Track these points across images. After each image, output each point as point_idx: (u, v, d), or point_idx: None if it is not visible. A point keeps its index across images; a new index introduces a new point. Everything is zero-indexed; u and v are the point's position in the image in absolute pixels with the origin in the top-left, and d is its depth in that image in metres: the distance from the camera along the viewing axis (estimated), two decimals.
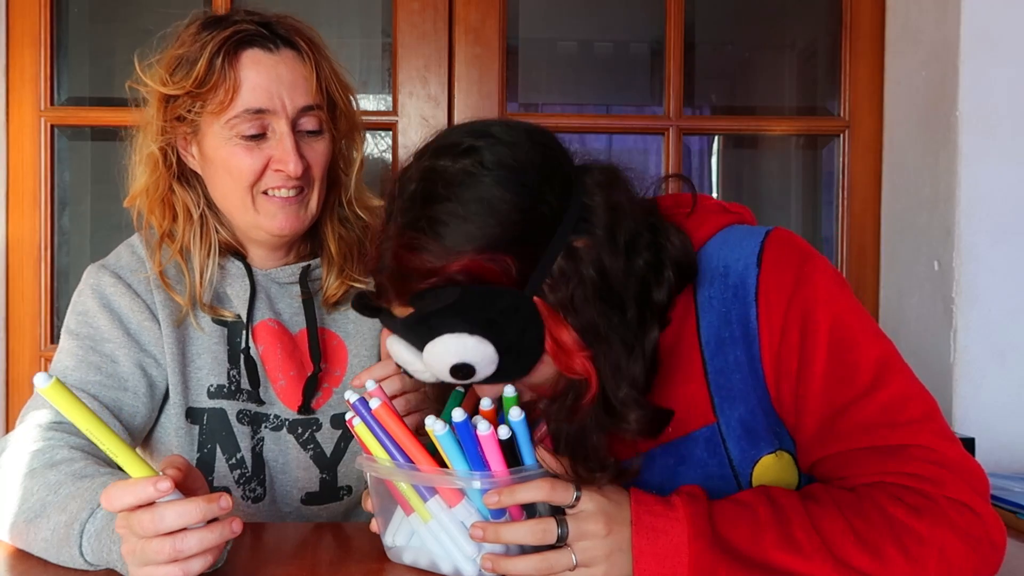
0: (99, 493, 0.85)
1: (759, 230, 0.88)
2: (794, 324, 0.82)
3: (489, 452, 0.80)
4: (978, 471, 0.80)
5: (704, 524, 0.76)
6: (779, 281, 0.83)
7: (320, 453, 1.16)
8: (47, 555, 0.89)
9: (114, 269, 1.15)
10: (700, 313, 0.87)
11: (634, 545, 0.76)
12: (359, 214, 1.21)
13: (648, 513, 0.77)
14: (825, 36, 1.86)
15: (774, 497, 0.79)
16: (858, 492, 0.79)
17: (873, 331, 0.84)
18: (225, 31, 1.06)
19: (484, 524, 0.80)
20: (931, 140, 1.62)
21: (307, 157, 1.09)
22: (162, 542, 0.75)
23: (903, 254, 1.72)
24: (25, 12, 1.72)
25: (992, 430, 1.52)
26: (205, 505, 0.76)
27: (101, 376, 1.07)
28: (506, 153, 0.79)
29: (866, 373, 0.81)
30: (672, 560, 0.75)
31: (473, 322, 0.76)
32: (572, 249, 0.78)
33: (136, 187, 1.14)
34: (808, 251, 0.86)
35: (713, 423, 0.87)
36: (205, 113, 1.07)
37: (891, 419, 0.80)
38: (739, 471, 0.87)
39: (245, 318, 1.14)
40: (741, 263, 0.85)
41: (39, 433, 0.99)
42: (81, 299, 1.13)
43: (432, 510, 0.83)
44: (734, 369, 0.86)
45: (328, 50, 1.15)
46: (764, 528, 0.76)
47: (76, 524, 0.86)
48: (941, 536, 0.75)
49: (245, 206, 1.10)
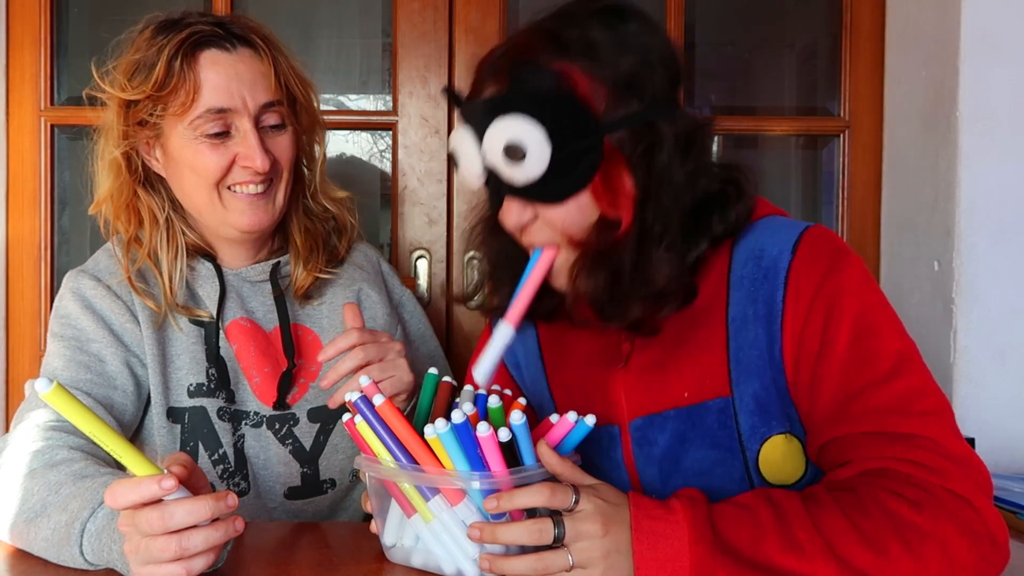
0: (100, 492, 0.86)
1: (799, 224, 0.92)
2: (820, 308, 0.85)
3: (489, 454, 0.80)
4: (982, 469, 0.80)
5: (705, 527, 0.76)
6: (811, 268, 0.86)
7: (299, 448, 1.17)
8: (47, 555, 0.89)
9: (93, 273, 1.16)
10: (731, 290, 0.91)
11: (635, 551, 0.76)
12: (325, 206, 1.24)
13: (647, 517, 0.77)
14: (825, 36, 1.86)
15: (774, 499, 0.79)
16: (858, 491, 0.78)
17: (898, 328, 0.86)
18: (181, 33, 1.08)
19: (481, 525, 0.80)
20: (931, 140, 1.62)
21: (272, 152, 1.11)
22: (168, 540, 0.76)
23: (903, 254, 1.72)
24: (25, 12, 1.73)
25: (992, 430, 1.52)
26: (214, 503, 0.76)
27: (91, 375, 1.08)
28: (650, 28, 0.88)
29: (885, 362, 0.82)
30: (674, 564, 0.75)
31: (547, 118, 0.82)
32: (655, 127, 0.85)
33: (101, 193, 1.16)
34: (844, 247, 0.89)
35: (728, 397, 0.89)
36: (167, 116, 1.08)
37: (904, 408, 0.81)
38: (747, 446, 0.89)
39: (216, 320, 1.15)
40: (776, 248, 0.89)
41: (38, 433, 0.99)
42: (63, 303, 1.14)
43: (434, 509, 0.83)
44: (752, 346, 0.88)
45: (284, 47, 1.17)
46: (765, 530, 0.76)
47: (77, 523, 0.86)
48: (943, 530, 0.75)
49: (212, 204, 1.11)
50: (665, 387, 0.93)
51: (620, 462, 0.97)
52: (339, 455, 1.20)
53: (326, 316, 1.22)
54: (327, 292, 1.24)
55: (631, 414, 0.95)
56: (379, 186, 1.83)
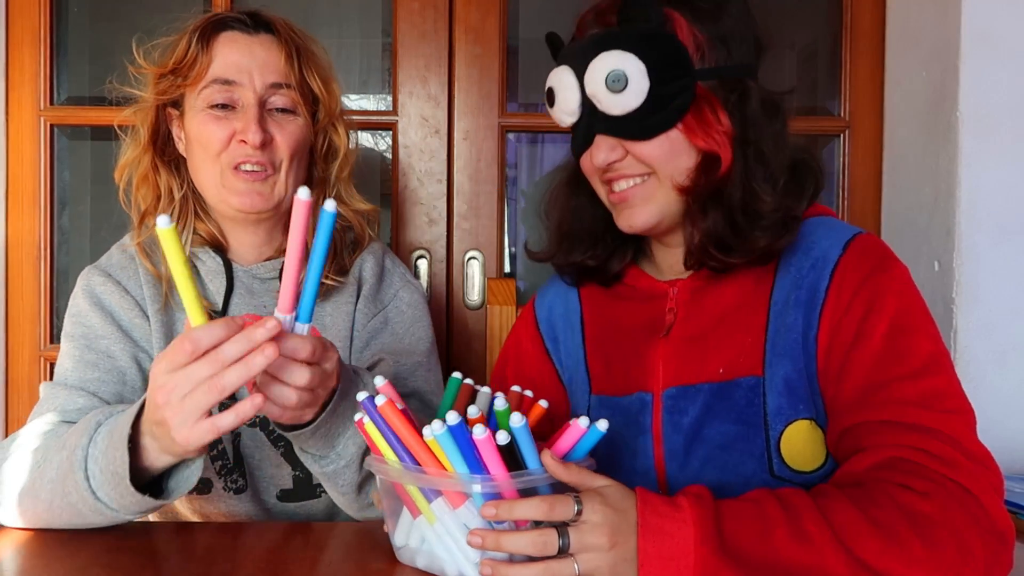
0: (94, 423, 0.89)
1: (854, 228, 0.96)
2: (861, 301, 0.87)
3: (487, 457, 0.79)
4: (996, 470, 0.80)
5: (711, 527, 0.75)
6: (858, 264, 0.90)
7: (291, 451, 1.17)
8: (54, 496, 0.90)
9: (104, 269, 1.18)
10: (778, 276, 0.95)
11: (640, 547, 0.75)
12: (343, 214, 1.22)
13: (654, 514, 0.77)
14: (825, 36, 1.86)
15: (782, 495, 0.79)
16: (866, 486, 0.78)
17: (934, 333, 0.88)
18: (208, 16, 1.13)
19: (483, 532, 0.78)
20: (931, 140, 1.62)
21: (274, 133, 1.12)
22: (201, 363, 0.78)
23: (903, 254, 1.70)
24: (25, 12, 1.73)
25: (992, 430, 1.51)
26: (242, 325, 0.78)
27: (99, 372, 1.09)
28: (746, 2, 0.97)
29: (916, 360, 0.84)
30: (678, 563, 0.74)
31: (648, 55, 0.90)
32: (743, 82, 0.94)
33: (122, 159, 1.19)
34: (893, 255, 0.93)
35: (760, 376, 0.92)
36: (185, 88, 1.13)
37: (928, 403, 0.82)
38: (771, 425, 0.91)
39: (221, 314, 1.16)
40: (828, 243, 0.93)
41: (46, 425, 1.02)
42: (75, 302, 1.16)
43: (437, 511, 0.82)
44: (790, 330, 0.91)
45: (318, 48, 1.19)
46: (773, 524, 0.76)
47: (78, 451, 0.88)
48: (952, 519, 0.75)
49: (214, 180, 1.13)
50: (703, 360, 0.96)
51: (648, 427, 0.99)
52: None
53: (329, 314, 1.22)
54: (332, 297, 1.24)
55: (666, 383, 0.98)
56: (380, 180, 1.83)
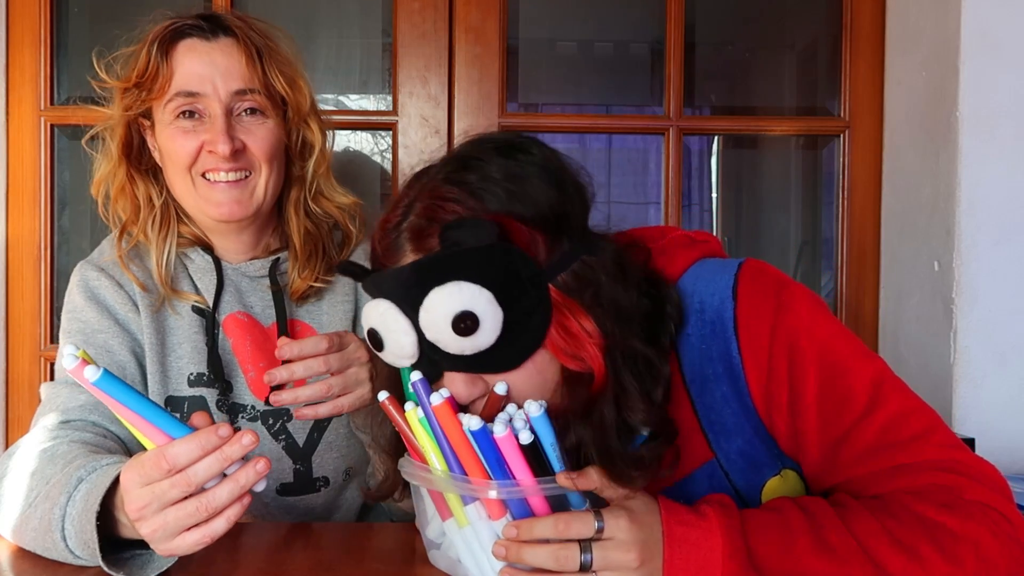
0: (76, 475, 0.87)
1: (731, 263, 0.87)
2: (780, 355, 0.81)
3: (511, 458, 0.75)
4: (993, 473, 0.79)
5: (739, 539, 0.74)
6: (758, 312, 0.82)
7: (292, 444, 1.18)
8: (36, 547, 0.90)
9: (97, 263, 1.18)
10: (681, 352, 0.86)
11: (666, 558, 0.73)
12: (327, 210, 1.22)
13: (680, 524, 0.75)
14: (825, 36, 1.86)
15: (804, 504, 0.78)
16: (884, 498, 0.78)
17: (862, 352, 0.83)
18: (164, 25, 1.12)
19: (507, 543, 0.76)
20: (931, 140, 1.62)
21: (245, 140, 1.11)
22: (186, 502, 0.75)
23: (903, 254, 1.72)
24: (25, 12, 1.72)
25: (992, 430, 1.52)
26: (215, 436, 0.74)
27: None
28: (552, 158, 0.82)
29: (861, 396, 0.80)
30: (705, 574, 0.73)
31: (490, 280, 0.74)
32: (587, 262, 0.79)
33: (96, 175, 1.18)
34: (783, 279, 0.85)
35: (712, 458, 0.86)
36: (151, 102, 1.12)
37: (892, 439, 0.79)
38: (746, 497, 0.87)
39: (212, 312, 1.16)
40: (716, 298, 0.84)
41: (46, 434, 1.01)
42: (70, 298, 1.17)
43: (470, 516, 0.79)
44: (723, 405, 0.84)
45: (283, 41, 1.17)
46: (797, 535, 0.75)
47: (56, 509, 0.86)
48: (974, 531, 0.74)
49: (188, 190, 1.12)
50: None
51: None
52: (333, 453, 1.20)
53: (326, 312, 1.22)
54: (326, 294, 1.23)
55: None
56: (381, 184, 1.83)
